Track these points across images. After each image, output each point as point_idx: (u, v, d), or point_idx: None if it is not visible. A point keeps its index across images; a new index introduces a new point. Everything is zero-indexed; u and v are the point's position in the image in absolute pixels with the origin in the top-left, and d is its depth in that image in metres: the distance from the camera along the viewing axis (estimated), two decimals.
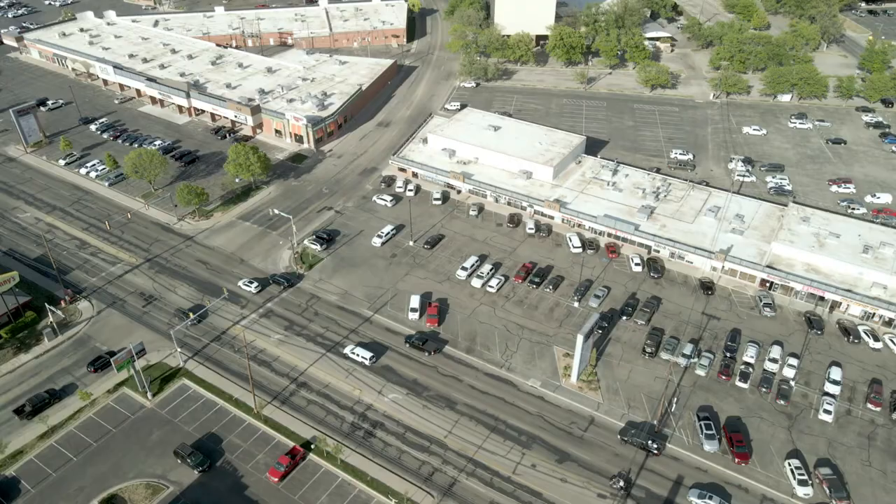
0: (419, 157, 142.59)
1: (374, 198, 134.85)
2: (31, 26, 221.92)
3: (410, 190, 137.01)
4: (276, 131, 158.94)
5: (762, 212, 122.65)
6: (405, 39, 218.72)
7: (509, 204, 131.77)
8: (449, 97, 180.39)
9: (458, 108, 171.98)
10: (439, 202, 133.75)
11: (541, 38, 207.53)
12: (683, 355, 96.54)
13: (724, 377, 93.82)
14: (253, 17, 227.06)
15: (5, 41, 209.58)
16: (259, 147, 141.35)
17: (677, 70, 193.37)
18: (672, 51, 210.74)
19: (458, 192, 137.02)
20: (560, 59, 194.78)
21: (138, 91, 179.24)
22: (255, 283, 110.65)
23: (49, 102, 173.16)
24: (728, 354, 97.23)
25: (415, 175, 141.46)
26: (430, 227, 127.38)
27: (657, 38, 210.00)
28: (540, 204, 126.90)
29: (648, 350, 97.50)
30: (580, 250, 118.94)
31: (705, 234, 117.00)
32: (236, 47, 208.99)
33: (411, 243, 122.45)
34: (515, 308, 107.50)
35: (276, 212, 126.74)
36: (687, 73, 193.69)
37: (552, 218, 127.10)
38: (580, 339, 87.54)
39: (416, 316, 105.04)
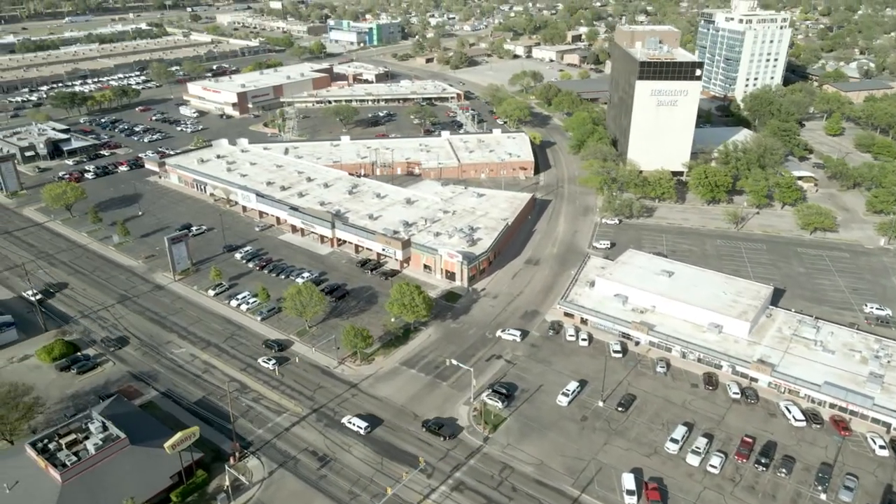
0: (588, 303, 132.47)
1: (500, 333, 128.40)
2: (169, 151, 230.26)
3: (584, 339, 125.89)
4: (426, 266, 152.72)
5: None
6: (532, 172, 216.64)
7: (699, 361, 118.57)
8: (594, 235, 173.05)
9: (609, 246, 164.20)
10: (620, 355, 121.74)
11: (674, 174, 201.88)
12: None
13: None
14: (377, 145, 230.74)
15: (147, 165, 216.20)
16: (408, 282, 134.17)
17: (830, 211, 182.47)
18: (816, 190, 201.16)
19: (637, 343, 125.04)
20: (703, 198, 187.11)
21: (278, 219, 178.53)
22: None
23: (193, 228, 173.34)
24: None
25: (584, 322, 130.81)
26: (615, 384, 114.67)
27: (800, 178, 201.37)
28: (743, 365, 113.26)
29: None
30: (804, 424, 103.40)
31: None
32: (365, 176, 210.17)
33: (601, 404, 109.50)
34: (749, 497, 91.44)
35: (454, 362, 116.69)
36: (843, 216, 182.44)
37: (756, 381, 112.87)
38: None
39: (633, 501, 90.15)
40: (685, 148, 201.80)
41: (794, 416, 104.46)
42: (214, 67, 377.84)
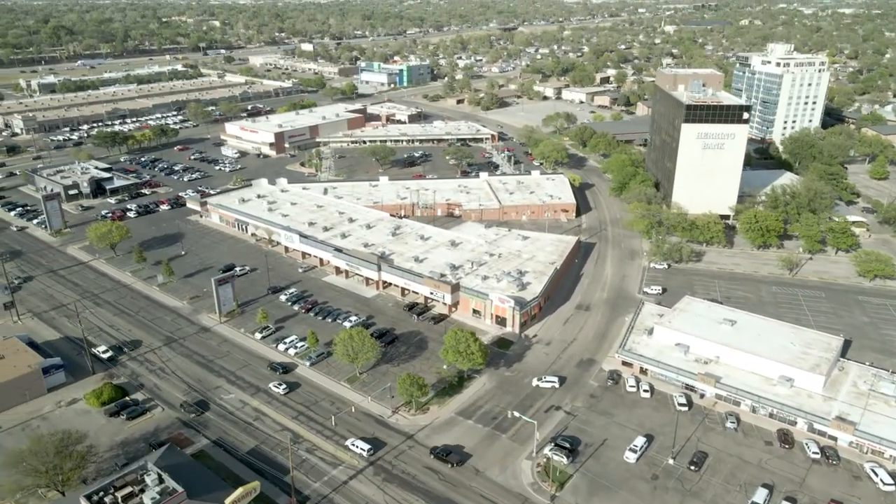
0: (648, 352, 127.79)
1: (537, 381, 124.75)
2: (208, 190, 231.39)
3: (645, 390, 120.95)
4: (475, 311, 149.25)
5: None
6: (574, 214, 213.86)
7: (771, 416, 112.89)
8: (643, 279, 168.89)
9: (660, 292, 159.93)
10: (685, 408, 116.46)
11: (721, 218, 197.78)
12: None
13: None
14: (416, 186, 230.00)
15: (188, 204, 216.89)
16: (463, 329, 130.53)
17: (890, 258, 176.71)
18: (869, 236, 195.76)
19: (702, 395, 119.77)
20: (753, 242, 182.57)
21: (321, 260, 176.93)
22: None
23: (237, 269, 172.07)
24: None
25: (643, 371, 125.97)
26: (683, 439, 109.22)
27: (852, 223, 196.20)
28: (821, 422, 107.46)
29: None
30: (893, 488, 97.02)
31: None
32: (405, 217, 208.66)
33: (672, 461, 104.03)
34: None
35: (516, 414, 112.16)
36: None
37: (835, 440, 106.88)
38: None
39: None
40: (732, 191, 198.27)
41: (881, 480, 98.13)
42: (249, 107, 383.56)
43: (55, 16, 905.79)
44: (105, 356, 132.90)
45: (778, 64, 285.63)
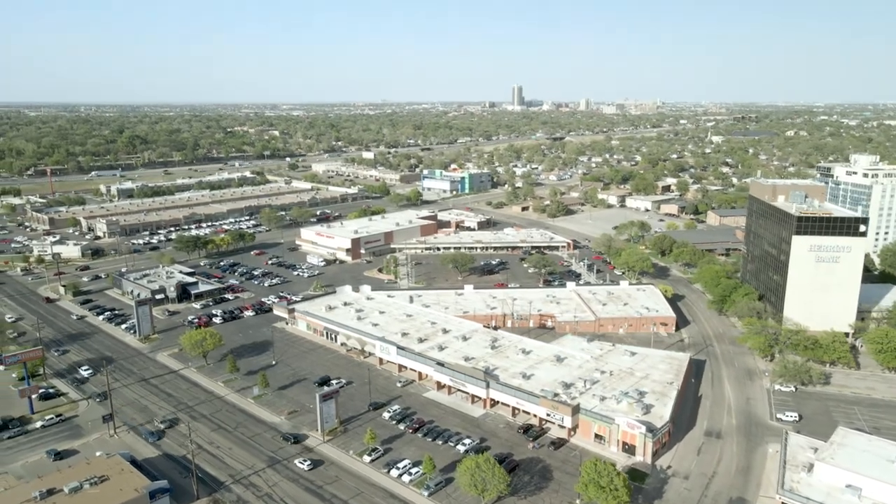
0: (814, 494, 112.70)
1: None
2: (291, 296, 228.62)
3: None
4: (597, 436, 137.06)
5: None
6: (674, 328, 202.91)
7: None
8: (771, 404, 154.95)
9: (796, 419, 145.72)
10: None
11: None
12: None
13: None
14: (504, 295, 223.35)
15: (275, 311, 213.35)
16: (602, 460, 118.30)
17: None
18: None
19: None
20: (887, 364, 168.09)
21: (420, 374, 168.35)
22: None
23: (333, 382, 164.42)
24: None
25: None
26: None
27: None
28: None
29: None
30: None
31: None
32: (496, 328, 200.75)
33: None
34: None
35: None
36: None
37: None
38: None
39: None
40: (850, 307, 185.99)
41: None
42: (318, 213, 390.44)
43: (128, 126, 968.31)
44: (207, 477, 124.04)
45: (865, 175, 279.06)
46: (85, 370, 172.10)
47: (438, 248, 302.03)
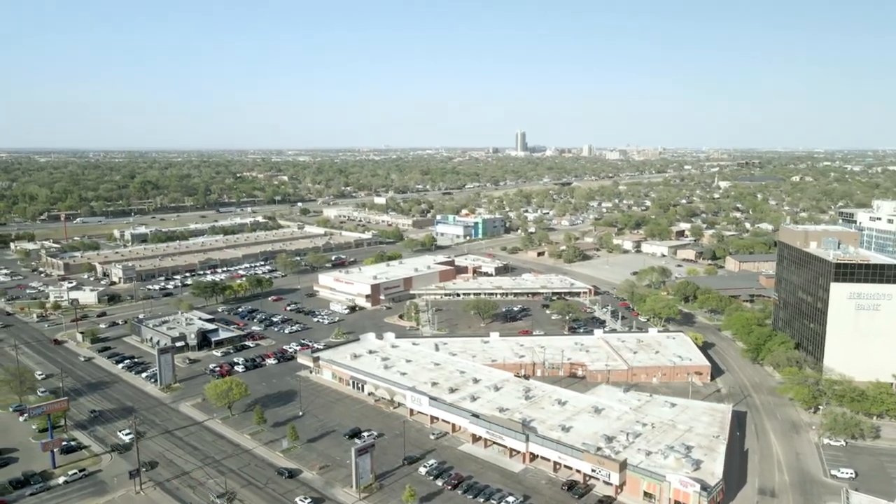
0: None
1: None
2: (312, 344, 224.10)
3: None
4: (646, 494, 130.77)
5: None
6: (709, 377, 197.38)
7: None
8: (823, 459, 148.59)
9: (853, 476, 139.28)
10: None
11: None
12: None
13: None
14: (530, 343, 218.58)
15: (299, 360, 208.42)
16: None
17: None
18: None
19: None
20: None
21: (453, 426, 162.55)
22: None
23: (364, 434, 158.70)
24: None
25: None
26: None
27: None
28: None
29: None
30: None
31: None
32: (525, 376, 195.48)
33: None
34: None
35: None
36: None
37: None
38: None
39: None
40: (894, 356, 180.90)
41: None
42: (333, 258, 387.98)
43: (138, 172, 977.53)
44: None
45: (890, 220, 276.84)
46: (113, 426, 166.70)
47: (458, 294, 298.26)
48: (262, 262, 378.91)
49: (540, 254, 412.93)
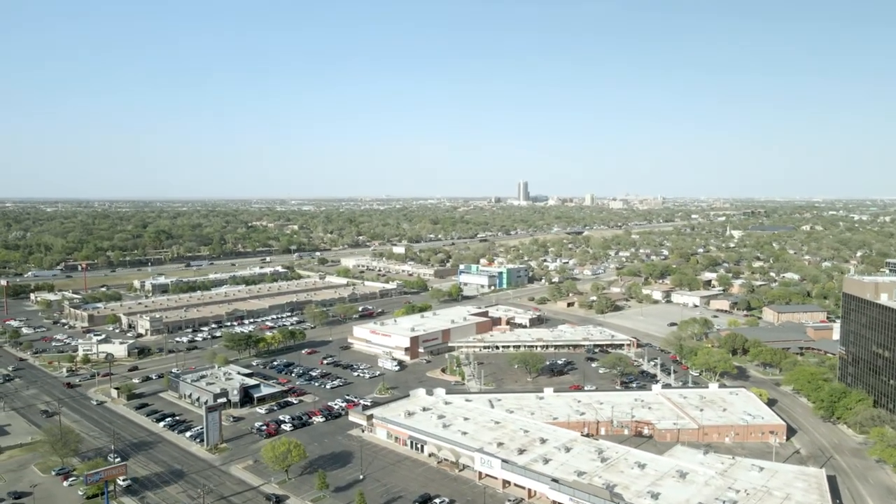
0: None
1: None
2: (359, 401, 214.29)
3: None
4: None
5: None
6: (784, 437, 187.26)
7: None
8: None
9: None
10: None
11: None
12: None
13: None
14: (587, 399, 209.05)
15: (351, 418, 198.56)
16: None
17: None
18: None
19: None
20: None
21: (530, 491, 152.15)
22: None
23: (436, 502, 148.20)
24: None
25: None
26: None
27: None
28: None
29: None
30: None
31: None
32: (588, 435, 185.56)
33: None
34: None
35: None
36: None
37: None
38: None
39: None
40: None
41: None
42: (360, 308, 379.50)
43: (149, 221, 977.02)
44: None
45: None
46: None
47: (497, 347, 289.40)
48: (289, 313, 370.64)
49: (570, 304, 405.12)
